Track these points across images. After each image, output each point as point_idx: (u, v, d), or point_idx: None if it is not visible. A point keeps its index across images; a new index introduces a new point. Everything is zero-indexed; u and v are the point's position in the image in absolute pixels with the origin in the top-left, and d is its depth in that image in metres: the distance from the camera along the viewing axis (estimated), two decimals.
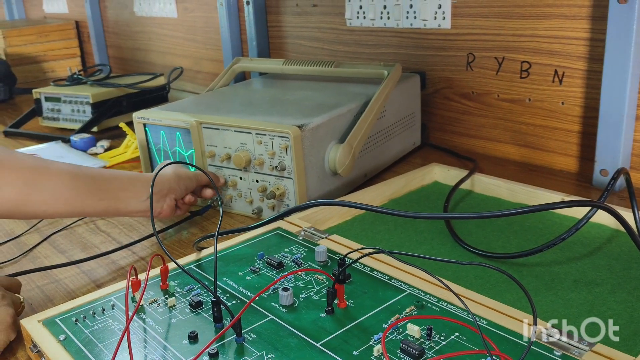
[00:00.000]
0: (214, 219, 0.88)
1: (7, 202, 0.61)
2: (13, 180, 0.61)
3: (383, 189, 0.87)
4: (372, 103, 0.92)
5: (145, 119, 0.94)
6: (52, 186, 0.63)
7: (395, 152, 1.05)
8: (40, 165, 0.64)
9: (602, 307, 0.57)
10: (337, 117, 0.88)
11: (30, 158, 0.65)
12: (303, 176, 0.82)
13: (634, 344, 0.52)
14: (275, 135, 0.81)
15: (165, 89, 1.54)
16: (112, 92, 1.42)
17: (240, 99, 1.03)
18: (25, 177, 0.62)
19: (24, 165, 0.63)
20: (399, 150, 1.07)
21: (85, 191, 0.66)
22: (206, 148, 0.89)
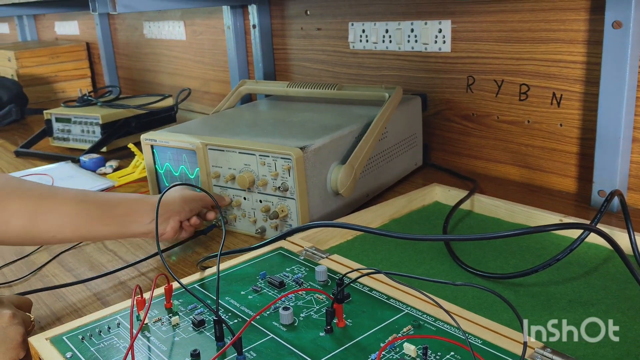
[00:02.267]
0: (218, 238, 0.88)
1: (16, 231, 0.64)
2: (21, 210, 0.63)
3: (384, 209, 0.88)
4: (374, 124, 0.93)
5: (152, 140, 0.95)
6: (58, 214, 0.66)
7: (397, 172, 1.06)
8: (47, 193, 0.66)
9: None
10: (339, 139, 0.88)
11: (37, 186, 0.67)
12: (305, 197, 0.83)
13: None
14: (278, 157, 0.82)
15: (174, 110, 1.55)
16: (122, 113, 1.44)
17: (245, 120, 1.04)
18: (33, 206, 0.64)
19: (31, 194, 0.65)
20: (400, 171, 1.07)
21: (91, 218, 0.68)
22: (211, 169, 0.89)
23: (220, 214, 0.78)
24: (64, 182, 1.18)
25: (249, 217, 0.88)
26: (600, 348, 0.52)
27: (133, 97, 1.63)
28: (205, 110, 1.77)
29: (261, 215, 0.87)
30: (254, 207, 0.87)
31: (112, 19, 2.16)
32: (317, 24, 1.35)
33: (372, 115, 0.96)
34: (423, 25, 1.13)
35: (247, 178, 0.84)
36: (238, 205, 0.89)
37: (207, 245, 0.86)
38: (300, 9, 1.39)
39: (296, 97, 1.18)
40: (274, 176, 0.83)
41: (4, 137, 1.66)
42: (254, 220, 0.88)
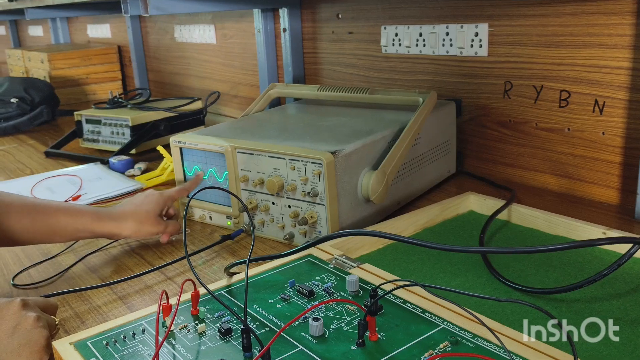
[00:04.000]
0: (245, 243, 0.88)
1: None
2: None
3: (417, 217, 0.87)
4: (407, 130, 0.92)
5: (181, 142, 0.95)
6: None
7: (429, 179, 1.05)
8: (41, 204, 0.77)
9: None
10: (371, 144, 0.88)
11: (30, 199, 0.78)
12: (335, 203, 0.82)
13: None
14: (309, 161, 0.81)
15: (203, 113, 1.55)
16: (151, 115, 1.44)
17: (274, 124, 1.04)
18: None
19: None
20: (433, 178, 1.06)
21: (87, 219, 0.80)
22: (240, 172, 0.89)
23: (250, 219, 0.78)
24: (93, 184, 1.18)
25: (277, 223, 0.88)
26: None
27: (162, 100, 1.63)
28: (234, 113, 1.77)
29: (289, 221, 0.86)
30: (283, 213, 0.87)
31: (144, 22, 2.19)
32: (348, 27, 1.34)
33: (405, 120, 0.96)
34: (459, 29, 1.11)
35: (276, 182, 0.84)
36: (266, 210, 0.88)
37: (234, 251, 0.86)
38: (331, 12, 1.37)
39: (326, 101, 1.18)
40: (304, 181, 0.82)
41: (34, 138, 1.68)
42: (282, 225, 0.87)
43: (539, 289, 0.66)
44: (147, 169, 1.28)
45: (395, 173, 0.91)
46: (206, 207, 0.97)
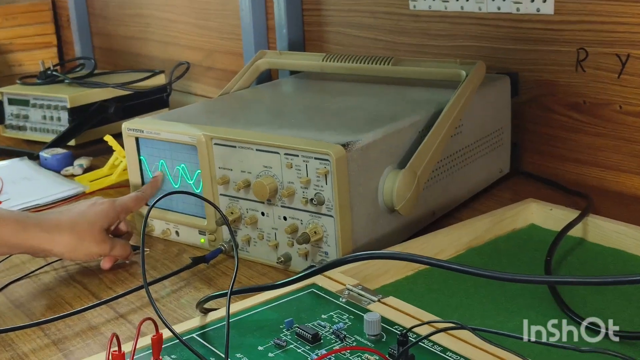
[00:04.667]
0: (224, 268, 0.88)
1: None
2: None
3: (459, 234, 0.87)
4: (444, 115, 0.92)
5: (138, 131, 0.95)
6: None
7: (474, 182, 1.05)
8: None
9: None
10: (396, 134, 0.88)
11: None
12: (348, 214, 0.82)
13: None
14: (312, 157, 0.81)
15: (166, 91, 1.56)
16: (97, 94, 1.44)
17: (265, 106, 1.04)
18: None
19: None
20: (480, 180, 1.06)
21: None
22: (217, 172, 0.89)
23: (232, 236, 0.78)
24: (17, 186, 1.18)
25: (267, 240, 0.88)
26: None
27: (112, 74, 1.64)
28: (209, 92, 1.78)
29: (285, 238, 0.86)
30: (276, 227, 0.87)
31: None
32: None
33: (442, 101, 0.95)
34: None
35: (266, 186, 0.84)
36: (253, 224, 0.88)
37: (210, 279, 0.86)
38: None
39: (335, 76, 1.18)
40: (305, 184, 0.82)
41: None
42: (274, 244, 0.87)
43: (630, 332, 0.65)
44: (91, 166, 1.27)
45: (430, 173, 0.91)
46: (171, 219, 0.97)
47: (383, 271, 0.79)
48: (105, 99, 1.45)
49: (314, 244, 0.84)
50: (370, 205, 0.85)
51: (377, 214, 0.86)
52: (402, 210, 0.86)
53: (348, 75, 1.15)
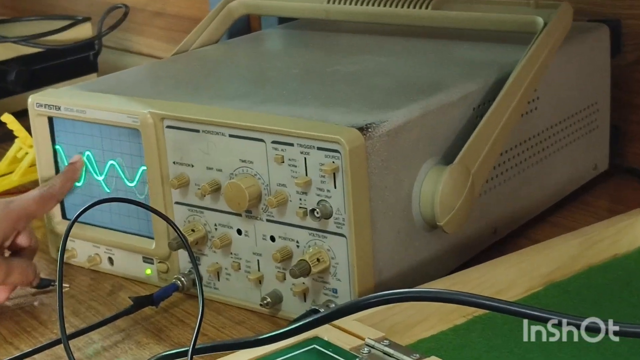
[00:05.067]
0: (183, 313, 0.89)
1: None
2: None
3: (533, 262, 0.86)
4: (511, 83, 0.92)
5: (52, 107, 0.95)
6: None
7: (556, 184, 1.06)
8: None
9: None
10: (439, 112, 0.88)
11: None
12: (367, 232, 0.81)
13: None
14: (313, 147, 0.80)
15: (94, 48, 1.57)
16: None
17: (242, 70, 1.06)
18: None
19: None
20: (564, 182, 1.07)
21: None
22: (172, 169, 0.89)
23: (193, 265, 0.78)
24: None
25: (246, 272, 0.88)
26: None
27: (13, 22, 1.66)
28: (159, 49, 1.80)
29: (273, 269, 0.86)
30: (259, 251, 0.87)
31: None
32: None
33: (508, 63, 0.95)
34: None
35: (245, 190, 0.83)
36: (225, 246, 0.88)
37: (160, 329, 0.86)
38: None
39: (347, 25, 1.19)
40: (303, 187, 0.81)
41: None
42: (256, 278, 0.87)
43: None
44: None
45: (489, 171, 0.91)
46: (102, 240, 0.97)
47: (420, 318, 0.77)
48: (3, 60, 1.46)
49: (316, 278, 0.83)
50: (401, 219, 0.84)
51: (411, 232, 0.86)
52: (449, 226, 0.86)
53: (366, 25, 1.15)
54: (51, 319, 0.87)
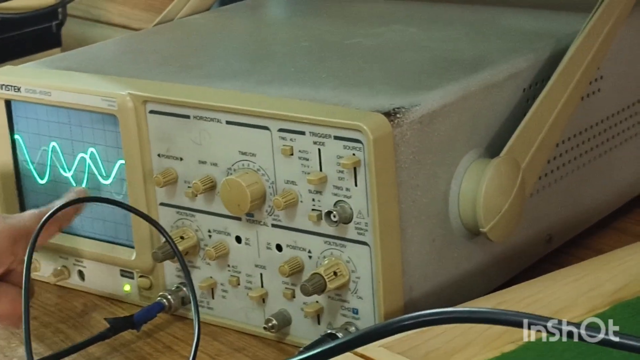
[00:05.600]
0: (170, 338, 0.89)
1: None
2: None
3: (596, 276, 0.85)
4: (569, 60, 0.92)
5: (10, 88, 0.95)
6: None
7: (623, 182, 1.08)
8: None
9: None
10: (482, 94, 0.88)
11: None
12: (396, 239, 0.82)
13: None
14: (329, 135, 0.81)
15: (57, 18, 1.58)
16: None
17: (239, 43, 1.07)
18: None
19: None
20: (632, 179, 1.09)
21: None
22: (156, 163, 0.90)
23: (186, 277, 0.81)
24: None
25: (247, 287, 0.89)
26: None
27: None
28: (136, 18, 1.82)
29: (279, 285, 0.87)
30: (262, 264, 0.87)
31: None
32: None
33: (565, 35, 0.97)
34: None
35: (246, 188, 0.83)
36: (221, 257, 0.89)
37: (144, 358, 0.87)
38: None
39: None
40: (317, 184, 0.82)
41: None
42: (260, 295, 0.88)
43: None
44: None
45: (543, 166, 0.92)
46: (71, 250, 0.98)
47: (460, 345, 0.77)
48: None
49: (333, 295, 0.83)
50: (436, 225, 0.85)
51: (448, 241, 0.86)
52: (494, 232, 0.86)
53: None
54: (10, 345, 0.88)
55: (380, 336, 0.68)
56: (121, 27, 1.80)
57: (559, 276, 0.84)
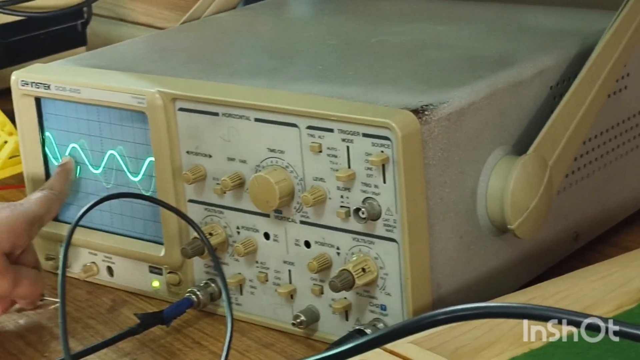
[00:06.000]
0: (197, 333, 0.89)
1: None
2: None
3: (624, 273, 0.85)
4: (596, 57, 0.92)
5: (40, 85, 0.95)
6: None
7: None
8: None
9: None
10: (509, 91, 0.88)
11: None
12: (424, 236, 0.82)
13: None
14: (357, 133, 0.80)
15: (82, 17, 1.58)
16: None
17: (266, 41, 1.07)
18: None
19: None
20: None
21: None
22: (185, 160, 0.90)
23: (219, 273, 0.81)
24: None
25: (275, 284, 0.89)
26: None
27: None
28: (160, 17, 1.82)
29: (308, 282, 0.86)
30: (291, 260, 0.87)
31: None
32: None
33: (592, 32, 0.97)
34: None
35: (275, 185, 0.84)
36: (250, 254, 0.89)
37: (173, 353, 0.87)
38: None
39: None
40: (345, 181, 0.82)
41: None
42: (288, 291, 0.88)
43: None
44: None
45: (570, 163, 0.92)
46: (100, 245, 0.99)
47: (489, 341, 0.76)
48: None
49: (361, 292, 0.83)
50: (464, 221, 0.85)
51: (476, 238, 0.86)
52: (522, 229, 0.86)
53: None
54: (41, 340, 0.88)
55: (412, 331, 0.68)
56: (146, 26, 1.80)
57: (587, 273, 0.84)
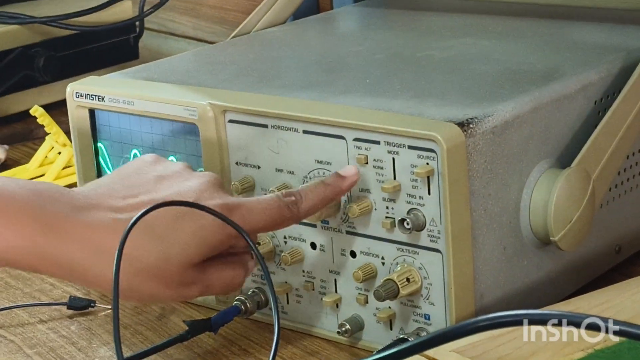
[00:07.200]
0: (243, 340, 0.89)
1: None
2: None
3: None
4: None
5: (95, 97, 0.96)
6: None
7: None
8: None
9: None
10: (553, 105, 0.88)
11: None
12: (467, 247, 0.82)
13: None
14: (403, 145, 0.81)
15: (135, 31, 1.58)
16: (13, 34, 1.45)
17: (314, 56, 1.05)
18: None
19: None
20: None
21: None
22: (234, 171, 0.90)
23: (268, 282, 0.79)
24: None
25: (321, 293, 0.89)
26: None
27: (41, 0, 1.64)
28: (210, 32, 1.82)
29: (352, 290, 0.86)
30: (337, 269, 0.87)
31: None
32: None
33: (636, 48, 0.97)
34: None
35: None
36: (296, 263, 0.89)
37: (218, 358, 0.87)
38: None
39: (436, 2, 1.22)
40: (390, 193, 0.82)
41: None
42: (333, 300, 0.88)
43: None
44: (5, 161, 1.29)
45: (613, 177, 0.91)
46: None
47: (530, 351, 0.76)
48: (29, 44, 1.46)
49: (405, 301, 0.83)
50: (507, 233, 0.84)
51: (519, 249, 0.86)
52: (565, 242, 0.86)
53: (462, 1, 1.17)
54: (91, 346, 0.88)
55: (454, 337, 0.68)
56: (195, 40, 1.79)
57: (629, 286, 0.84)
